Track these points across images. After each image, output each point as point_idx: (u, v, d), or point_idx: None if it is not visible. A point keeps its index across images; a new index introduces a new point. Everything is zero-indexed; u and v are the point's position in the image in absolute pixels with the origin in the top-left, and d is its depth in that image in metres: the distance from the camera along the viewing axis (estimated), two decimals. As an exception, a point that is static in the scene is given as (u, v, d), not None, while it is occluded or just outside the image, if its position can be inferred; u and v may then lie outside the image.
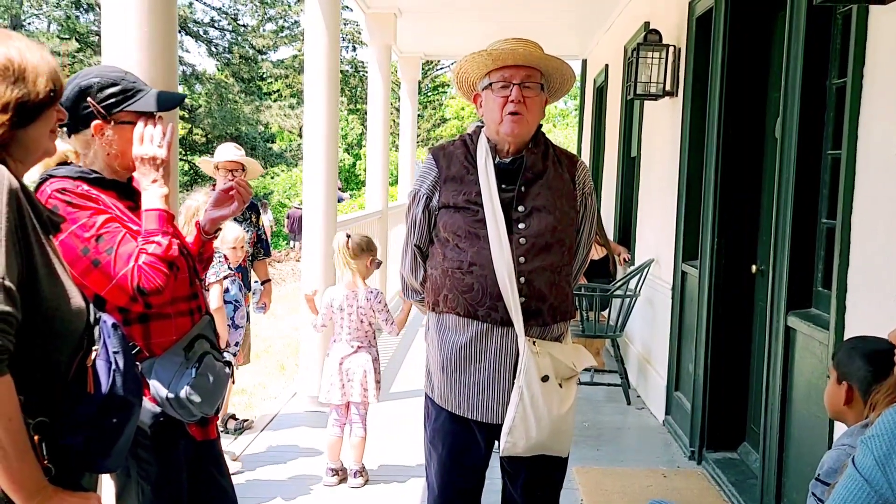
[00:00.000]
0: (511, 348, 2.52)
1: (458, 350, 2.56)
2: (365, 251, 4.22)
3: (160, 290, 2.01)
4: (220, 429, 4.97)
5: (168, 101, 2.20)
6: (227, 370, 2.20)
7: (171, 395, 2.05)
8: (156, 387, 2.06)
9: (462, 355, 2.55)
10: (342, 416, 4.30)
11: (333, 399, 4.23)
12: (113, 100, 2.09)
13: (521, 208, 2.53)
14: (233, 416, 5.13)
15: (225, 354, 2.22)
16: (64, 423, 1.53)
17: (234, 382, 4.56)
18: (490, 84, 2.57)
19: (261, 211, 5.38)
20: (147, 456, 2.09)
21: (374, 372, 4.21)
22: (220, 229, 2.41)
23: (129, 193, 2.18)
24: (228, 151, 4.99)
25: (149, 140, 2.11)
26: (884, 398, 1.96)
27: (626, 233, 7.33)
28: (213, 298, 4.13)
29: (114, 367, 1.60)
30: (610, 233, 7.67)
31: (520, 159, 2.57)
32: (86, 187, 2.05)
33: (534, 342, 2.51)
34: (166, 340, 2.11)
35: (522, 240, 2.51)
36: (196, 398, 2.06)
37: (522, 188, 2.55)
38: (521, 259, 2.50)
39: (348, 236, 4.24)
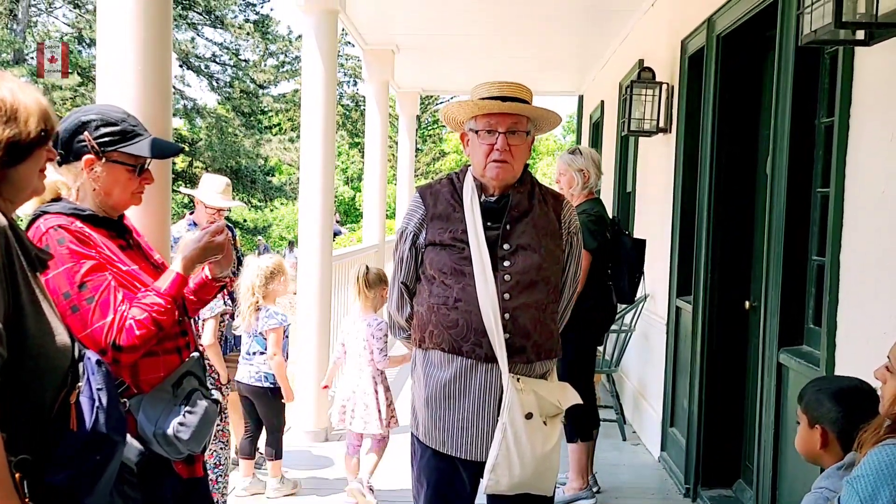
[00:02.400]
0: (495, 385, 2.53)
1: (443, 386, 2.57)
2: (382, 282, 4.34)
3: (136, 349, 2.03)
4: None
5: (162, 151, 2.24)
6: (215, 407, 2.20)
7: (158, 432, 2.05)
8: (143, 423, 2.06)
9: (446, 392, 2.56)
10: (353, 444, 4.38)
11: (335, 423, 4.41)
12: (109, 138, 2.12)
13: (506, 246, 2.56)
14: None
15: (213, 392, 2.22)
16: (47, 461, 1.53)
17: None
18: (476, 129, 2.60)
19: (235, 231, 5.29)
20: (133, 493, 2.06)
21: (377, 402, 4.23)
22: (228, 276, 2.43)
23: (120, 232, 2.20)
24: (220, 197, 4.65)
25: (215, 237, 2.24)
26: (871, 437, 1.95)
27: (621, 268, 7.33)
28: (208, 334, 4.13)
29: (97, 404, 1.61)
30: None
31: (505, 198, 2.61)
32: (79, 224, 2.07)
33: (518, 379, 2.52)
34: (154, 377, 2.12)
35: (507, 277, 2.54)
36: (184, 435, 2.06)
37: (508, 226, 2.58)
38: (506, 296, 2.52)
39: (367, 268, 4.38)
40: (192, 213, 4.77)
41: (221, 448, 4.08)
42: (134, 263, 2.16)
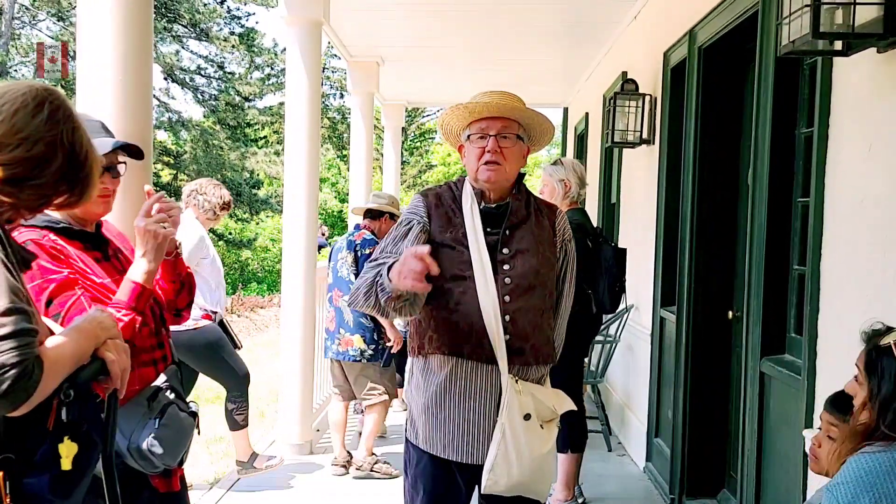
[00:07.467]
0: (494, 386, 2.55)
1: (443, 389, 2.58)
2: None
3: None
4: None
5: (123, 148, 2.17)
6: (192, 421, 2.17)
7: (132, 447, 2.02)
8: (117, 438, 2.03)
9: (446, 395, 2.58)
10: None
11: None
12: None
13: (505, 250, 2.60)
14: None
15: (191, 405, 2.19)
16: (27, 462, 1.51)
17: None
18: (469, 136, 2.66)
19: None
20: (108, 508, 2.05)
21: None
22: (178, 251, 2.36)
23: (96, 243, 2.17)
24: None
25: (152, 214, 2.13)
26: (848, 445, 1.95)
27: (606, 278, 7.34)
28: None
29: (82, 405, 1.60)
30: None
31: (505, 205, 2.65)
32: (52, 237, 2.04)
33: (516, 381, 2.54)
34: (129, 390, 2.07)
35: (507, 280, 2.57)
36: (158, 449, 2.03)
37: (507, 231, 2.62)
38: (507, 298, 2.56)
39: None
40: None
41: None
42: (108, 276, 2.13)
